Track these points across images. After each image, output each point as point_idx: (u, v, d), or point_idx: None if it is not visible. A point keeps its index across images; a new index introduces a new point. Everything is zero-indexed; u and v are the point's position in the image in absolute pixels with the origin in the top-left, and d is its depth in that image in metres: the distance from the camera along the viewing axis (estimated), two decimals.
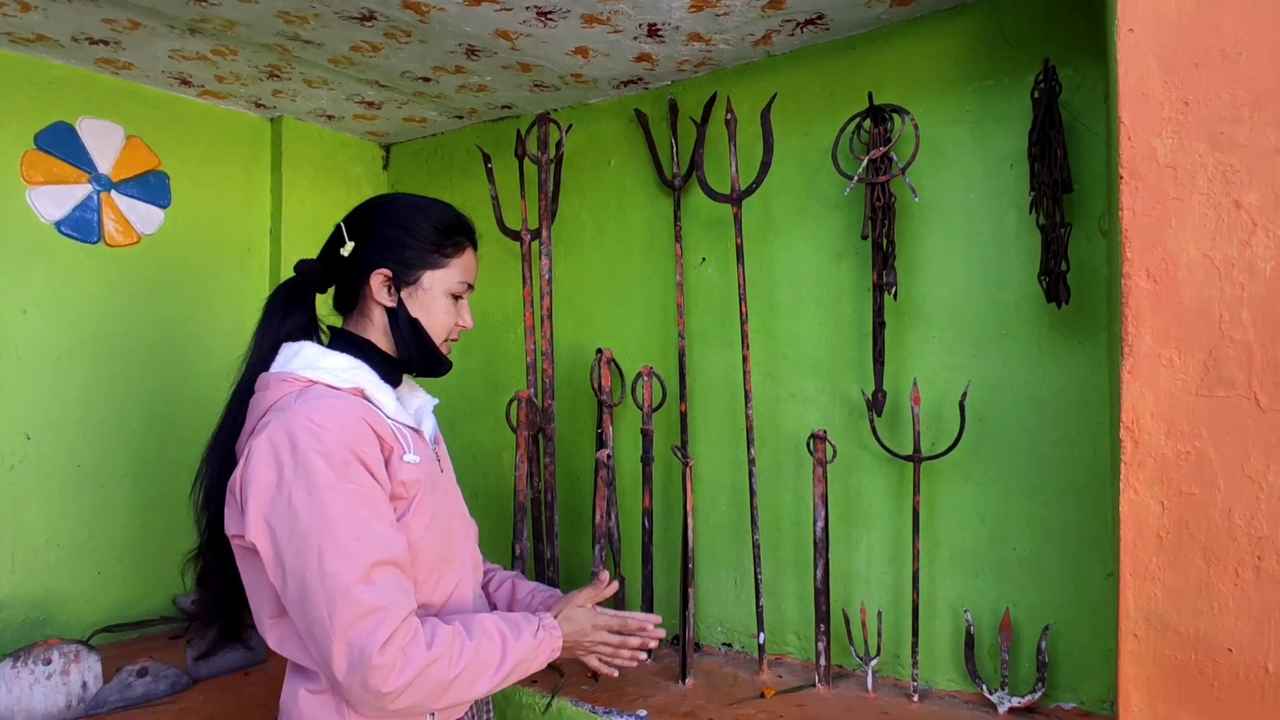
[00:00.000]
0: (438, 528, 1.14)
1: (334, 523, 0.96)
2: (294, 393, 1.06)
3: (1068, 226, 1.54)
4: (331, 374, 1.09)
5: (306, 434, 0.99)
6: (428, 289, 1.18)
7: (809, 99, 1.95)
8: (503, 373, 2.47)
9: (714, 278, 2.09)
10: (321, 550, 0.95)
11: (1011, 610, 1.67)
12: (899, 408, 1.81)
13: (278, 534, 0.98)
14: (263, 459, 0.99)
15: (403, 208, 1.18)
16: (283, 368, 1.10)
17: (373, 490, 1.02)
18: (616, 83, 2.16)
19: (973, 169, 1.75)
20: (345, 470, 0.99)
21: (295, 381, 1.07)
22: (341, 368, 1.10)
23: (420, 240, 1.16)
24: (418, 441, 1.16)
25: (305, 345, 1.13)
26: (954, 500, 1.76)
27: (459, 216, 1.22)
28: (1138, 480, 1.20)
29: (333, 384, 1.08)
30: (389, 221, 1.17)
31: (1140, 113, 1.19)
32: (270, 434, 1.00)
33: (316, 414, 1.00)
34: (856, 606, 1.85)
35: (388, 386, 1.16)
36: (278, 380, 1.08)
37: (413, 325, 1.18)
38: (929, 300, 1.79)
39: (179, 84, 2.24)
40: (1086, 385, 1.63)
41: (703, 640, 2.09)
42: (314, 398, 1.03)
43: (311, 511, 0.96)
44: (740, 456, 2.01)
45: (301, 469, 0.97)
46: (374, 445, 1.04)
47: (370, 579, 0.97)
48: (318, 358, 1.11)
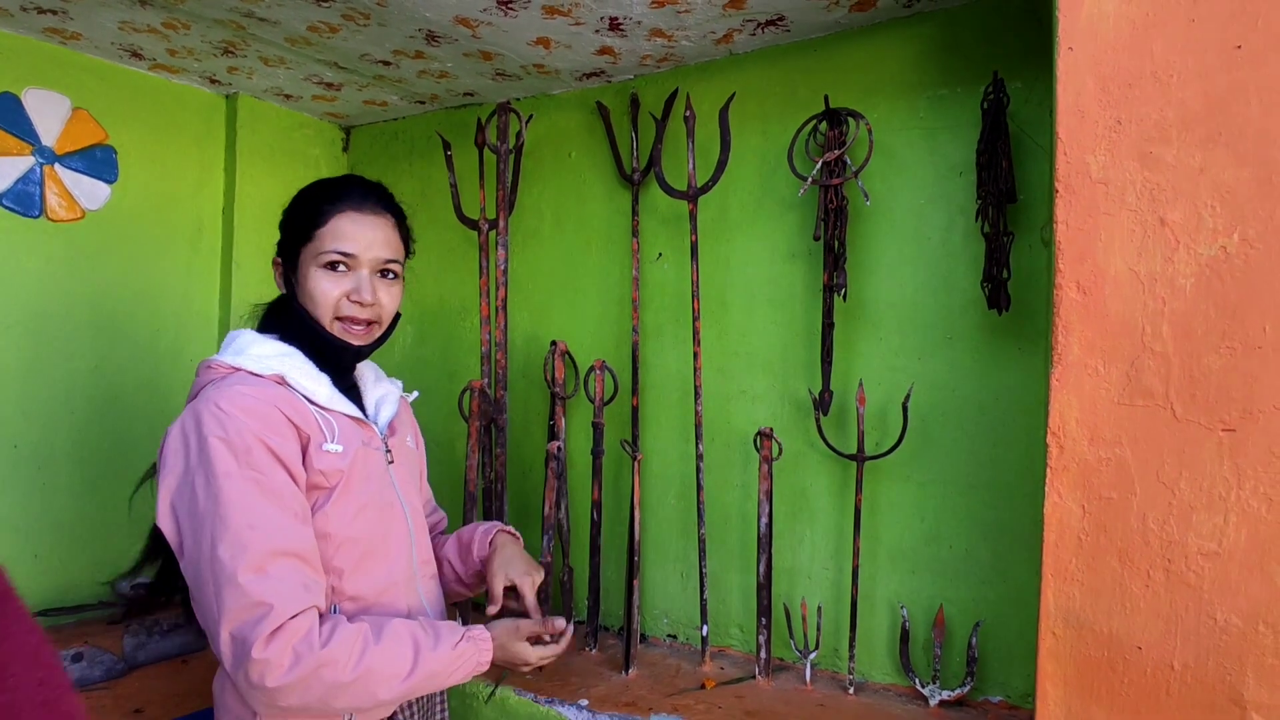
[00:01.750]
0: (369, 519, 1.13)
1: (228, 510, 0.96)
2: (215, 380, 1.08)
3: (1010, 235, 1.58)
4: (255, 360, 1.09)
5: (212, 420, 1.00)
6: (302, 265, 1.16)
7: (768, 99, 1.96)
8: (457, 362, 2.47)
9: (669, 273, 2.10)
10: (214, 537, 0.95)
11: (945, 606, 1.72)
12: (845, 408, 1.85)
13: (180, 520, 0.98)
14: (173, 445, 1.01)
15: (296, 196, 1.21)
16: (218, 355, 1.12)
17: (277, 479, 1.01)
18: (579, 74, 2.16)
19: (924, 175, 1.78)
20: (247, 457, 0.99)
21: (219, 369, 1.09)
22: (267, 354, 1.11)
23: (291, 219, 1.18)
24: (355, 430, 1.15)
25: (243, 333, 1.15)
26: (895, 499, 1.80)
27: (330, 183, 1.21)
28: (1061, 484, 1.25)
29: (254, 370, 1.09)
30: (286, 210, 1.21)
31: (1076, 129, 1.23)
32: (182, 420, 1.03)
33: (224, 400, 1.01)
34: (798, 601, 1.89)
35: (323, 375, 1.14)
36: (205, 368, 1.11)
37: (301, 310, 1.16)
38: (877, 302, 1.83)
39: (130, 56, 2.18)
40: (1025, 390, 1.68)
41: (648, 631, 2.12)
42: (228, 384, 1.05)
43: (208, 498, 0.97)
44: (689, 451, 2.03)
45: (204, 456, 0.98)
46: (286, 433, 1.04)
47: (264, 569, 0.95)
48: (247, 345, 1.12)
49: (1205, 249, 1.16)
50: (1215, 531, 1.14)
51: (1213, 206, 1.15)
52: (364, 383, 1.27)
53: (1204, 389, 1.15)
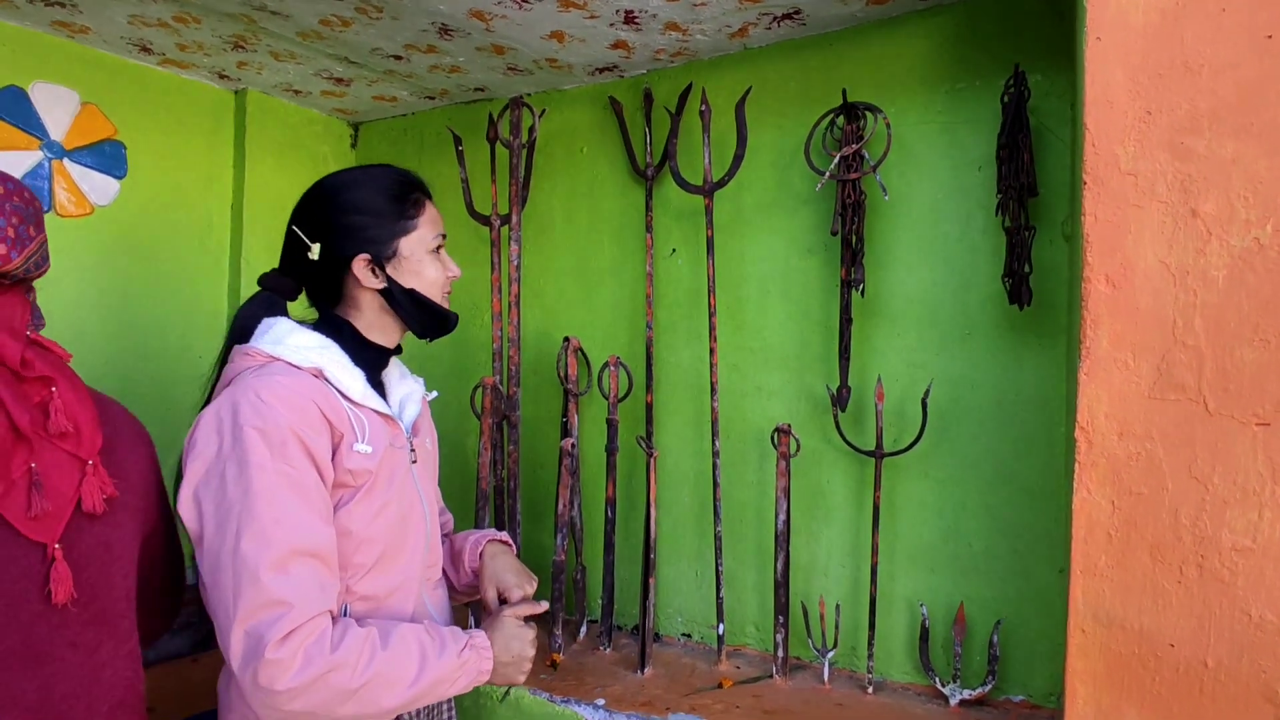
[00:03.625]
0: (390, 520, 1.11)
1: (257, 503, 0.93)
2: (253, 367, 1.05)
3: (1032, 230, 1.57)
4: (294, 351, 1.07)
5: (250, 409, 0.97)
6: (409, 256, 1.16)
7: (784, 93, 1.95)
8: (469, 359, 2.45)
9: (684, 269, 2.09)
10: (240, 529, 0.93)
11: (965, 604, 1.70)
12: (863, 404, 1.83)
13: (204, 508, 0.96)
14: (206, 431, 0.99)
15: (350, 189, 1.16)
16: (253, 342, 1.09)
17: (307, 476, 0.99)
18: (592, 69, 2.14)
19: (942, 169, 1.77)
20: (282, 450, 0.97)
21: (257, 356, 1.06)
22: (306, 345, 1.08)
23: (382, 214, 1.15)
24: (384, 429, 1.14)
25: (279, 321, 1.12)
26: (914, 496, 1.79)
27: (405, 174, 1.20)
28: (1090, 480, 1.23)
29: (293, 361, 1.06)
30: (344, 208, 1.15)
31: (1105, 120, 1.22)
32: (218, 406, 1.00)
33: (264, 390, 0.99)
34: (815, 599, 1.87)
35: (358, 370, 1.13)
36: (241, 354, 1.08)
37: (411, 295, 1.16)
38: (896, 298, 1.81)
39: (139, 51, 2.17)
40: (1045, 386, 1.66)
41: (663, 631, 2.10)
42: (268, 374, 1.02)
43: (238, 488, 0.94)
44: (704, 448, 2.02)
45: (238, 444, 0.96)
46: (321, 429, 1.02)
47: (285, 567, 0.93)
48: (286, 334, 1.09)
49: (1238, 240, 1.14)
50: (1249, 527, 1.13)
51: (1245, 197, 1.14)
52: (390, 380, 1.26)
53: (1237, 382, 1.13)
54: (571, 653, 2.00)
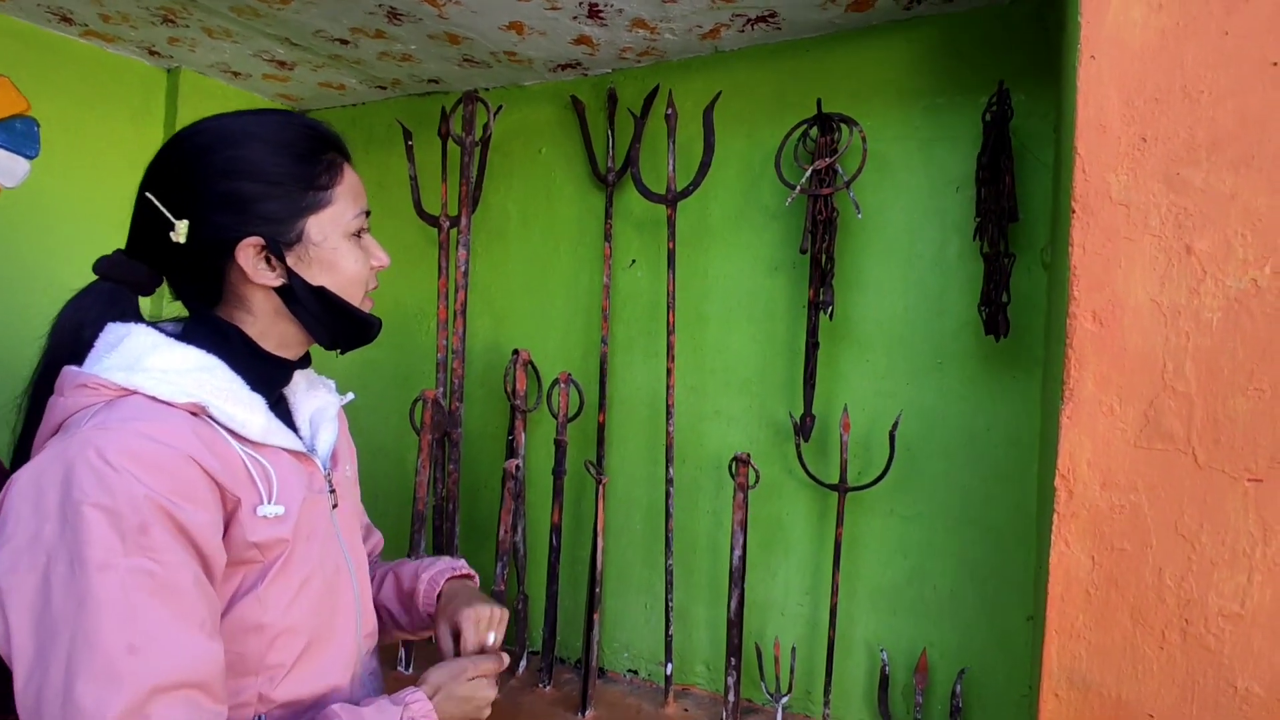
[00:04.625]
0: (314, 597, 0.84)
1: (100, 623, 0.64)
2: (94, 406, 0.73)
3: (1011, 257, 1.48)
4: (159, 378, 0.75)
5: (88, 477, 0.67)
6: (319, 242, 0.83)
7: (756, 101, 1.84)
8: (413, 368, 2.30)
9: (643, 282, 1.97)
10: (73, 663, 0.63)
11: (928, 650, 1.61)
12: (827, 433, 1.73)
13: (14, 622, 0.65)
14: (19, 506, 0.67)
15: (236, 144, 0.81)
16: (93, 366, 0.76)
17: (181, 571, 0.69)
18: (553, 65, 2.01)
19: (918, 188, 1.68)
20: (141, 539, 0.67)
21: (101, 389, 0.73)
22: (180, 369, 0.77)
23: (281, 181, 0.81)
24: (298, 474, 0.84)
25: (133, 331, 0.78)
26: (877, 533, 1.69)
27: (315, 126, 0.87)
28: (1069, 532, 1.14)
29: (158, 395, 0.74)
30: (225, 170, 0.80)
31: (1097, 145, 1.12)
32: (38, 470, 0.68)
33: (112, 446, 0.68)
34: (770, 639, 1.76)
35: (256, 397, 0.82)
36: (74, 385, 0.74)
37: (320, 296, 0.84)
38: (866, 322, 1.71)
39: (58, 20, 1.98)
40: (1019, 422, 1.58)
41: (607, 665, 1.97)
42: (121, 418, 0.71)
43: (69, 600, 0.64)
44: (658, 474, 1.90)
45: (70, 531, 0.65)
46: (204, 497, 0.72)
47: (145, 713, 0.65)
48: (145, 351, 0.77)
49: (1234, 281, 1.05)
50: (1238, 591, 1.04)
51: (1243, 235, 1.05)
52: (295, 394, 0.95)
53: (1229, 434, 1.05)
54: (509, 690, 1.86)
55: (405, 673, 1.93)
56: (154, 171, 0.83)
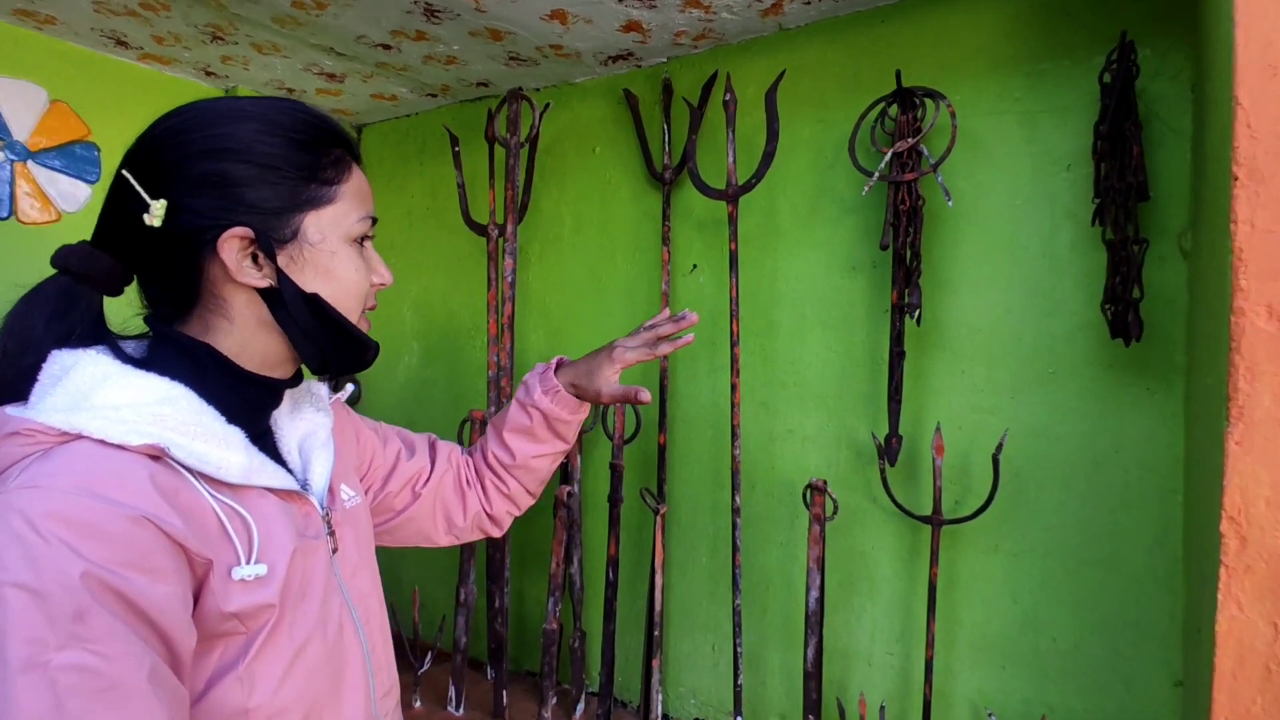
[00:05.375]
0: (310, 668, 0.70)
1: None
2: (31, 456, 0.59)
3: (1143, 243, 1.22)
4: (110, 417, 0.61)
5: (12, 551, 0.53)
6: (317, 242, 0.71)
7: (826, 80, 1.64)
8: (466, 385, 2.19)
9: (705, 288, 1.78)
10: None
11: (1048, 717, 1.35)
12: (917, 457, 1.49)
13: None
14: None
15: (231, 121, 0.69)
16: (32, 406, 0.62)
17: (131, 663, 0.55)
18: (603, 57, 1.87)
19: (1020, 169, 1.43)
20: (76, 628, 0.53)
21: (38, 436, 0.60)
22: (135, 403, 0.63)
23: (279, 168, 0.69)
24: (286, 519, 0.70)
25: (83, 359, 0.65)
26: (980, 573, 1.44)
27: (324, 118, 0.74)
28: (1242, 591, 0.88)
29: (108, 438, 0.60)
30: (214, 148, 0.68)
31: (1264, 92, 0.88)
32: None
33: (43, 509, 0.54)
34: (854, 693, 1.53)
35: (234, 430, 0.68)
36: (5, 434, 0.60)
37: (311, 305, 0.72)
38: (960, 327, 1.48)
39: (114, 44, 1.98)
40: (1155, 442, 1.30)
41: (672, 712, 1.78)
42: (54, 472, 0.57)
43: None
44: (724, 502, 1.70)
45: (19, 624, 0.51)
46: (163, 566, 0.58)
47: None
48: (97, 385, 0.63)
49: None
50: None
51: None
52: (277, 419, 0.80)
53: None
54: None
55: (456, 713, 1.80)
56: (138, 148, 0.70)
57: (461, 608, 1.83)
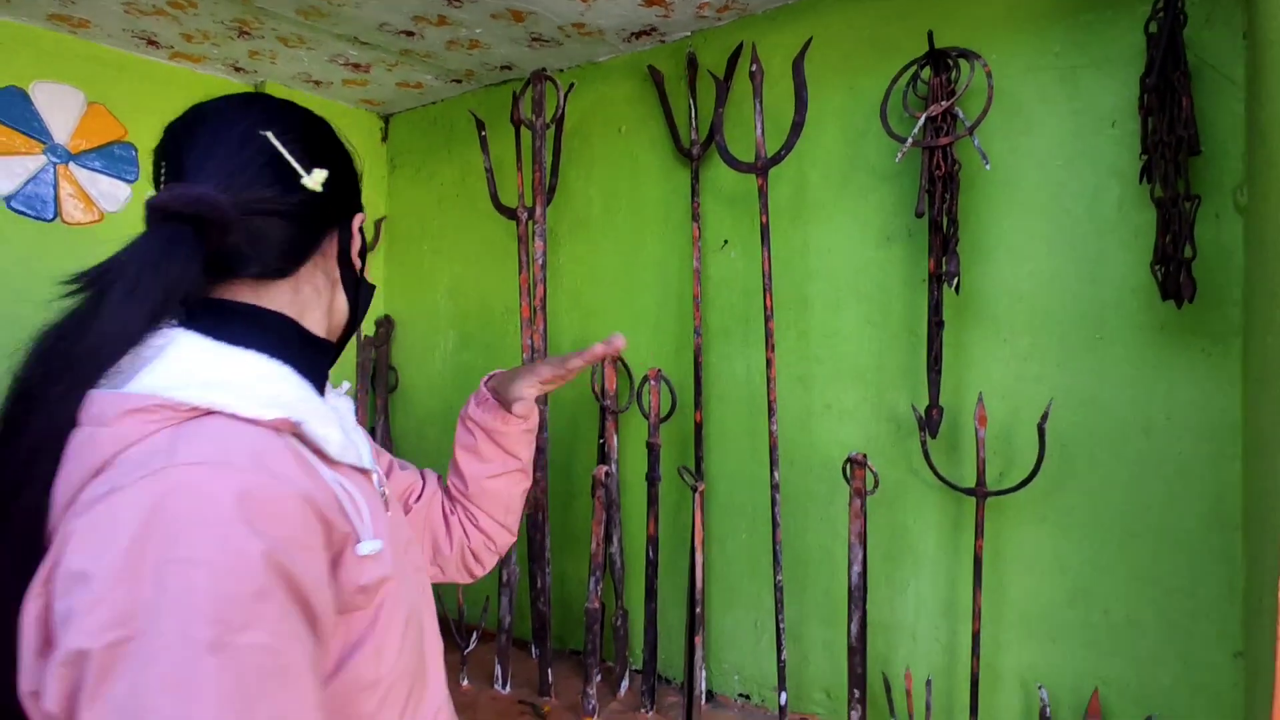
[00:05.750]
0: (412, 635, 0.71)
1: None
2: (156, 436, 0.56)
3: (1195, 200, 1.17)
4: (244, 392, 0.60)
5: (195, 530, 0.51)
6: (349, 244, 0.76)
7: (854, 46, 1.60)
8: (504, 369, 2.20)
9: (738, 264, 1.76)
10: None
11: (1101, 690, 1.32)
12: (958, 428, 1.46)
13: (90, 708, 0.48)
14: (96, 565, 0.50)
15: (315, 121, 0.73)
16: (145, 383, 0.57)
17: (298, 645, 0.54)
18: (626, 35, 1.84)
19: (1061, 128, 1.38)
20: (258, 608, 0.51)
21: (166, 412, 0.56)
22: (256, 378, 0.62)
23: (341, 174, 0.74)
24: (369, 493, 0.70)
25: (177, 336, 0.61)
26: (1027, 545, 1.41)
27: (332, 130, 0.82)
28: None
29: (242, 413, 0.58)
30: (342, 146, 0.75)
31: None
32: (115, 519, 0.51)
33: (224, 487, 0.53)
34: (899, 668, 1.52)
35: (329, 407, 0.69)
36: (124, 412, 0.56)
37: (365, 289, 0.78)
38: (1000, 294, 1.44)
39: (145, 44, 2.02)
40: (1210, 406, 1.26)
41: (716, 688, 1.79)
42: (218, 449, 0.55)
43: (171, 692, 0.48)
44: (762, 478, 1.69)
45: (171, 600, 0.49)
46: (317, 545, 0.57)
47: None
48: (210, 361, 0.61)
49: None
50: None
51: None
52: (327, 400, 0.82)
53: None
54: (609, 713, 1.72)
55: (503, 691, 1.83)
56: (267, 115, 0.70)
57: (505, 588, 1.85)
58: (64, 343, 0.57)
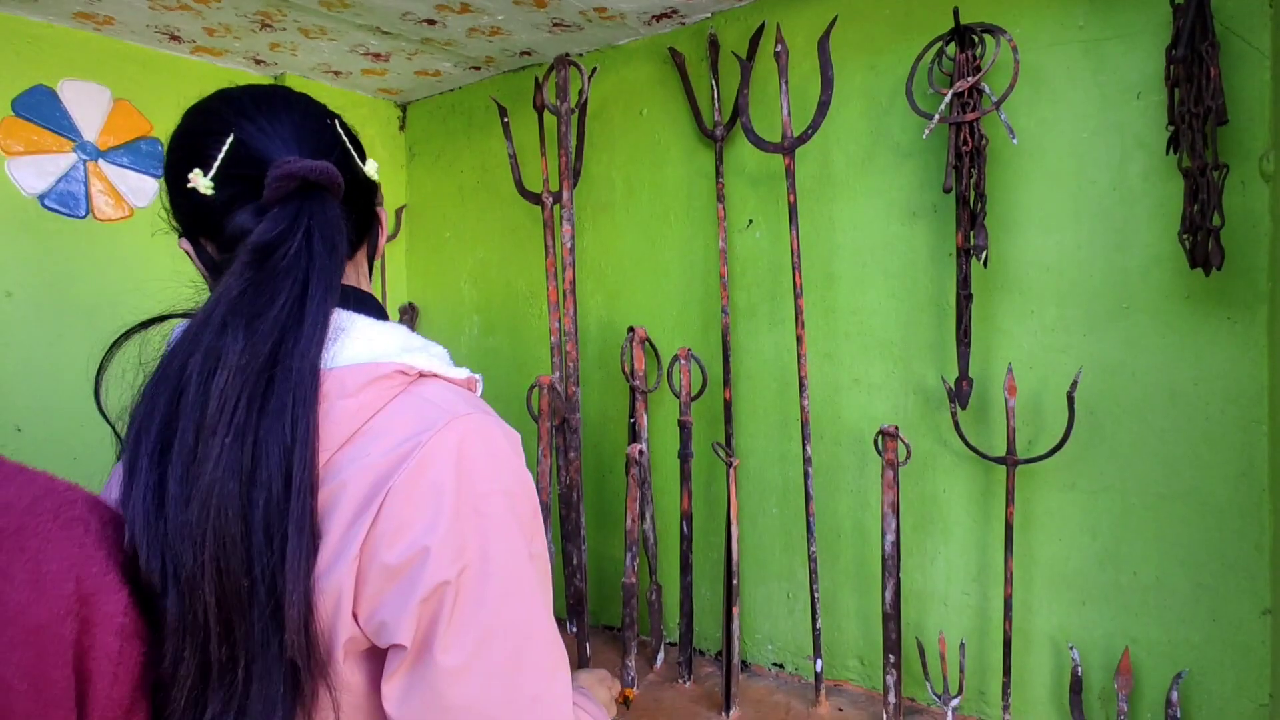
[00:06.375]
0: None
1: (541, 614, 0.64)
2: (411, 393, 0.65)
3: (1223, 169, 1.19)
4: (440, 356, 0.70)
5: (493, 465, 0.63)
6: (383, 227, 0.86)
7: (877, 24, 1.61)
8: (527, 353, 2.24)
9: (762, 243, 1.79)
10: (526, 657, 0.61)
11: (1131, 649, 1.36)
12: (988, 398, 1.50)
13: (458, 619, 0.58)
14: (420, 508, 0.58)
15: None
16: (364, 355, 0.64)
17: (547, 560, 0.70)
18: (647, 17, 1.86)
19: (1087, 101, 1.40)
20: (538, 523, 0.67)
21: (402, 377, 0.65)
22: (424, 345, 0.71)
23: None
24: None
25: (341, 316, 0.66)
26: (1057, 511, 1.45)
27: None
28: None
29: (445, 374, 0.68)
30: None
31: None
32: (431, 466, 0.59)
33: (497, 432, 0.65)
34: (933, 633, 1.56)
35: None
36: (368, 381, 0.62)
37: None
38: (1029, 267, 1.46)
39: (169, 40, 2.03)
40: (1237, 372, 1.29)
41: (750, 659, 1.84)
42: (467, 401, 0.66)
43: (513, 596, 0.61)
44: (794, 452, 1.73)
45: (492, 522, 0.61)
46: None
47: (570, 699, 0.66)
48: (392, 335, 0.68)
49: None
50: None
51: None
52: None
53: None
54: (648, 684, 1.77)
55: None
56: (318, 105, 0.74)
57: None
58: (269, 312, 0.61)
